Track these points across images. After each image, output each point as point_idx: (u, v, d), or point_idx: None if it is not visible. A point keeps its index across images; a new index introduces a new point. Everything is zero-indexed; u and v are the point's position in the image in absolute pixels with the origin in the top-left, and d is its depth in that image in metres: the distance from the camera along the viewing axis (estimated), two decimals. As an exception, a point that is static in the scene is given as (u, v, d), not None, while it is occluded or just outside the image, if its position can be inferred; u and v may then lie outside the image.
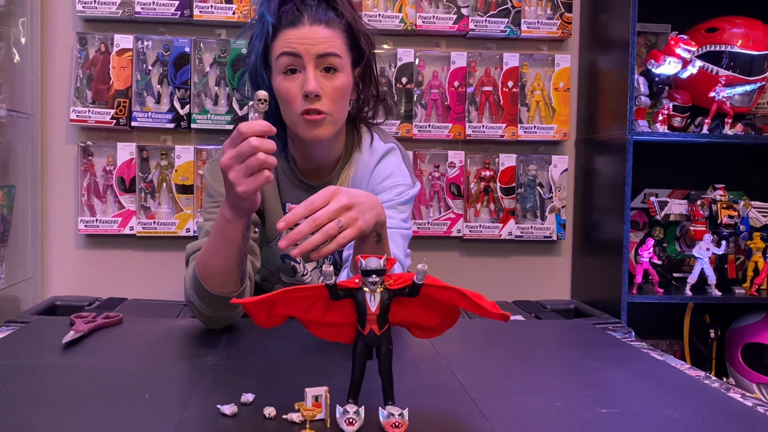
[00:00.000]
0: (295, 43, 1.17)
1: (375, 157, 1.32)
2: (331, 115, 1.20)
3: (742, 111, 1.94)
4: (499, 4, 1.97)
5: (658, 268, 1.92)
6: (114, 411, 0.76)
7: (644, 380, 0.93)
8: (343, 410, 0.71)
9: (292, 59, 1.18)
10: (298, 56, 1.17)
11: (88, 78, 1.87)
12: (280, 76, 1.20)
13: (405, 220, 1.29)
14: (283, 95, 1.20)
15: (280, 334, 1.07)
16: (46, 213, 1.94)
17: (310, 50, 1.17)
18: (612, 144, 1.87)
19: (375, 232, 1.07)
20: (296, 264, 1.38)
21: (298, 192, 1.32)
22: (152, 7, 1.86)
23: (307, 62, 1.17)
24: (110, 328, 1.15)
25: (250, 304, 0.74)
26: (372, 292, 0.72)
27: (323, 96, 1.18)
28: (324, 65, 1.19)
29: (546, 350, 1.15)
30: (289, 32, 1.18)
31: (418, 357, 1.01)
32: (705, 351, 2.05)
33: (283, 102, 1.22)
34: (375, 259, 0.72)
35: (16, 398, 0.79)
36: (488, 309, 0.74)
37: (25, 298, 1.84)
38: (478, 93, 1.99)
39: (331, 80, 1.19)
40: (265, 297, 0.74)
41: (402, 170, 1.33)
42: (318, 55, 1.17)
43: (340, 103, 1.22)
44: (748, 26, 1.89)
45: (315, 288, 0.73)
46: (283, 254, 1.37)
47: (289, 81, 1.19)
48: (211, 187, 1.28)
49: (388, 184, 1.30)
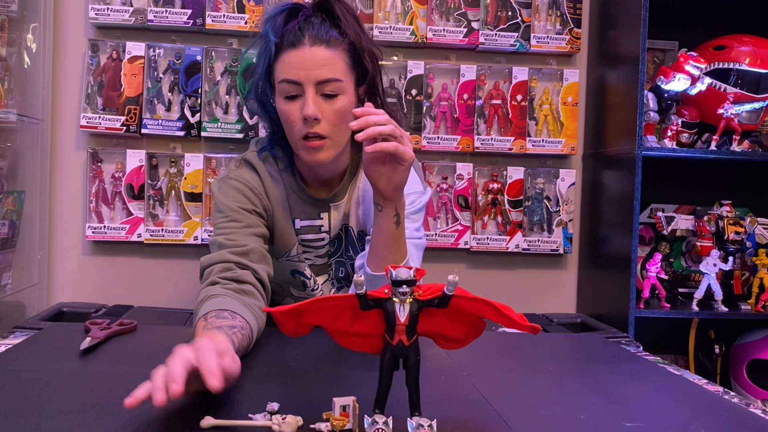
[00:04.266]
0: (295, 69, 1.16)
1: None
2: (331, 138, 1.20)
3: (750, 128, 1.95)
4: (509, 19, 1.98)
5: (665, 283, 1.93)
6: (137, 419, 0.75)
7: (664, 395, 0.93)
8: (372, 420, 0.71)
9: (292, 86, 1.17)
10: (298, 84, 1.17)
11: (99, 84, 1.88)
12: (281, 100, 1.20)
13: (418, 229, 1.29)
14: (284, 118, 1.21)
15: (297, 344, 1.06)
16: (53, 219, 1.93)
17: (309, 76, 1.16)
18: (620, 159, 1.88)
19: (395, 211, 1.11)
20: (306, 279, 1.37)
21: (307, 207, 1.32)
22: (165, 16, 1.87)
23: (306, 88, 1.17)
24: (125, 335, 1.15)
25: (279, 313, 0.74)
26: (402, 303, 0.72)
27: (323, 119, 1.17)
28: (324, 91, 1.18)
29: (560, 363, 1.15)
30: (290, 54, 1.17)
31: (437, 369, 1.01)
32: (710, 367, 2.05)
33: (285, 124, 1.22)
34: (405, 269, 0.72)
35: (35, 405, 0.79)
36: (518, 321, 0.74)
37: (31, 304, 1.83)
38: (487, 106, 2.00)
39: (332, 104, 1.18)
40: (294, 306, 0.74)
41: (412, 178, 1.29)
42: (317, 82, 1.17)
43: (341, 125, 1.20)
44: (755, 44, 1.91)
45: (344, 297, 0.73)
46: (293, 269, 1.37)
47: (289, 104, 1.19)
48: (220, 202, 1.26)
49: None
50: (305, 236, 1.33)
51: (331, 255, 1.37)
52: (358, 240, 1.35)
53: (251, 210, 1.24)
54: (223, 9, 1.89)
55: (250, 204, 1.25)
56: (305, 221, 1.32)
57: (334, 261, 1.37)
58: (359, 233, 1.34)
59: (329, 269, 1.38)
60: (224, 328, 0.96)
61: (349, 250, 1.36)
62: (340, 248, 1.36)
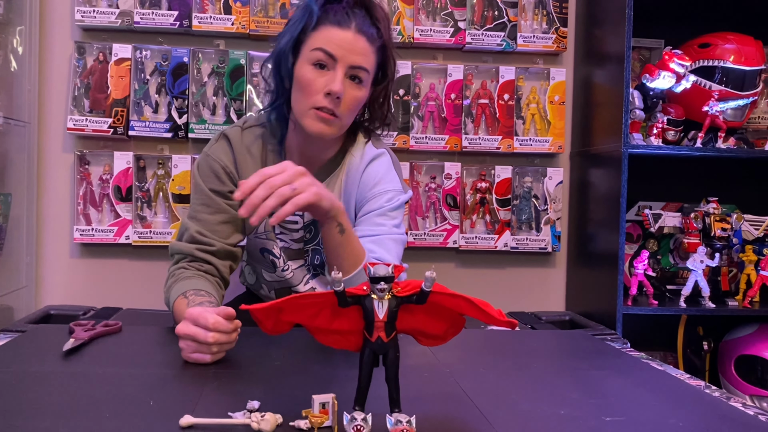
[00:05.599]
0: (336, 46, 1.20)
1: (364, 161, 1.34)
2: (341, 119, 1.24)
3: (735, 125, 1.97)
4: (495, 18, 1.99)
5: (653, 280, 1.94)
6: (118, 418, 0.75)
7: (646, 389, 0.94)
8: (351, 417, 0.71)
9: (327, 58, 1.21)
10: (334, 59, 1.21)
11: (85, 87, 1.87)
12: (307, 66, 1.22)
13: (397, 225, 1.31)
14: (303, 84, 1.22)
15: (282, 342, 1.07)
16: (41, 221, 1.93)
17: (346, 57, 1.21)
18: (607, 157, 1.88)
19: (336, 222, 1.14)
20: (275, 259, 1.39)
21: None
22: (151, 17, 1.87)
23: (339, 66, 1.21)
24: (110, 336, 1.15)
25: (257, 311, 0.74)
26: (380, 300, 0.72)
27: (342, 101, 1.22)
28: (352, 74, 1.23)
29: (546, 359, 1.15)
30: (335, 31, 1.21)
31: (421, 365, 1.01)
32: (698, 363, 2.07)
33: (300, 90, 1.23)
34: (383, 266, 0.72)
35: (18, 406, 0.79)
36: (495, 316, 0.74)
37: (19, 307, 1.83)
38: (474, 105, 2.00)
39: (354, 90, 1.23)
40: (272, 304, 0.74)
41: (392, 176, 1.35)
42: (351, 66, 1.21)
43: (353, 111, 1.26)
44: (740, 42, 1.92)
45: (323, 295, 0.74)
46: (262, 247, 1.39)
47: (315, 73, 1.21)
48: (196, 182, 1.32)
49: (377, 191, 1.32)
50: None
51: (307, 242, 1.39)
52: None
53: (222, 192, 1.30)
54: (209, 10, 1.89)
55: (221, 185, 1.30)
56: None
57: (311, 248, 1.40)
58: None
59: (305, 255, 1.40)
60: (205, 305, 1.08)
61: None
62: (317, 236, 1.37)
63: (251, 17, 1.90)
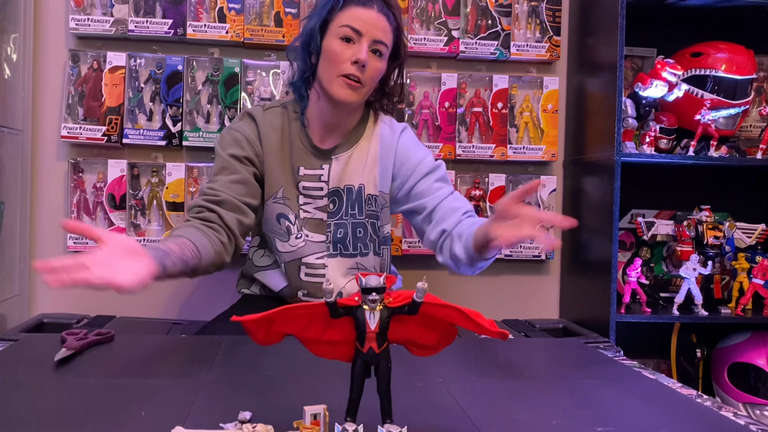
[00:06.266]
0: (361, 22, 1.38)
1: (396, 132, 1.53)
2: (364, 86, 1.40)
3: (727, 134, 1.98)
4: (489, 27, 2.00)
5: (646, 287, 1.94)
6: (110, 429, 0.75)
7: (638, 399, 0.94)
8: (342, 428, 0.71)
9: (353, 33, 1.38)
10: (360, 33, 1.38)
11: (80, 95, 1.87)
12: (335, 40, 1.39)
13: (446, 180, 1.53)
14: (332, 55, 1.39)
15: (274, 352, 1.07)
16: (34, 229, 1.92)
17: (370, 32, 1.38)
18: (600, 165, 1.89)
19: None
20: (290, 224, 1.49)
21: (310, 157, 1.49)
22: (146, 26, 1.87)
23: (364, 40, 1.38)
24: (102, 345, 1.14)
25: (249, 322, 0.74)
26: (372, 310, 0.73)
27: (366, 68, 1.38)
28: (375, 47, 1.40)
29: (539, 368, 1.16)
30: (359, 10, 1.39)
31: (413, 375, 1.01)
32: (692, 370, 2.07)
33: (329, 60, 1.40)
34: (375, 277, 0.73)
35: (9, 417, 0.79)
36: (487, 327, 0.74)
37: (12, 315, 1.82)
38: (468, 114, 2.01)
39: (376, 61, 1.41)
40: (264, 315, 0.74)
41: (421, 144, 1.59)
42: (374, 40, 1.39)
43: (374, 80, 1.43)
44: (731, 51, 1.93)
45: (314, 306, 0.74)
46: (279, 213, 1.49)
47: (343, 46, 1.38)
48: (217, 151, 1.46)
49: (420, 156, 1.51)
50: (306, 183, 1.49)
51: (330, 215, 1.50)
52: (366, 202, 1.50)
53: (242, 157, 1.43)
54: (204, 19, 1.89)
55: (241, 151, 1.44)
56: (308, 170, 1.49)
57: (333, 222, 1.50)
58: (369, 196, 1.50)
59: (327, 230, 1.50)
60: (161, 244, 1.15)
61: (353, 208, 1.50)
62: (341, 208, 1.50)
63: (246, 26, 1.90)
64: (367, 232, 1.51)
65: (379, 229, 1.53)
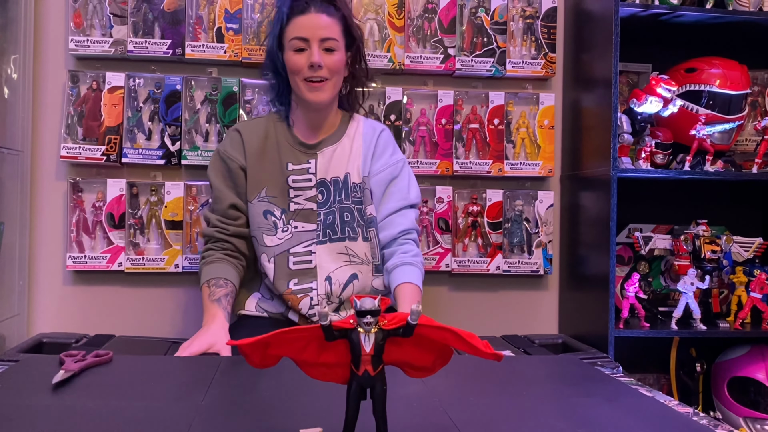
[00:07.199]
0: (304, 29, 1.54)
1: (377, 131, 1.72)
2: (329, 80, 1.57)
3: (722, 148, 1.99)
4: (484, 45, 2.02)
5: (644, 302, 1.94)
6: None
7: (634, 417, 0.94)
8: (338, 451, 0.71)
9: (301, 42, 1.55)
10: (306, 40, 1.54)
11: (79, 115, 1.89)
12: (291, 52, 1.57)
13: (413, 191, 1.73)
14: (292, 66, 1.57)
15: (271, 373, 1.06)
16: (34, 249, 1.93)
17: (315, 34, 1.54)
18: (596, 180, 1.90)
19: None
20: (277, 220, 1.63)
21: (297, 152, 1.66)
22: (144, 46, 1.89)
23: (312, 43, 1.55)
24: (100, 366, 1.15)
25: (245, 346, 0.75)
26: (366, 333, 0.73)
27: (324, 67, 1.55)
28: (325, 46, 1.56)
29: (535, 386, 1.16)
30: (300, 18, 1.55)
31: (410, 395, 1.01)
32: (692, 385, 2.07)
33: (292, 72, 1.58)
34: (370, 299, 0.73)
35: (7, 441, 0.79)
36: (481, 349, 0.75)
37: (11, 335, 1.82)
38: (464, 130, 2.02)
39: (330, 56, 1.57)
40: (259, 339, 0.74)
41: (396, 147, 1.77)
42: (321, 39, 1.55)
43: (336, 73, 1.59)
44: (725, 67, 1.95)
45: (309, 329, 0.74)
46: (265, 210, 1.63)
47: (298, 56, 1.56)
48: (210, 178, 1.66)
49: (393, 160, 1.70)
50: (296, 177, 1.64)
51: (320, 204, 1.64)
52: (352, 189, 1.65)
53: (230, 184, 1.63)
54: (202, 39, 1.91)
55: (229, 178, 1.63)
56: (296, 165, 1.65)
57: (323, 211, 1.64)
58: (354, 184, 1.66)
59: (318, 219, 1.64)
60: (221, 299, 1.49)
61: (340, 195, 1.65)
62: (329, 198, 1.64)
63: (243, 45, 1.92)
64: (354, 217, 1.65)
65: (364, 212, 1.66)
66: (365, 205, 1.66)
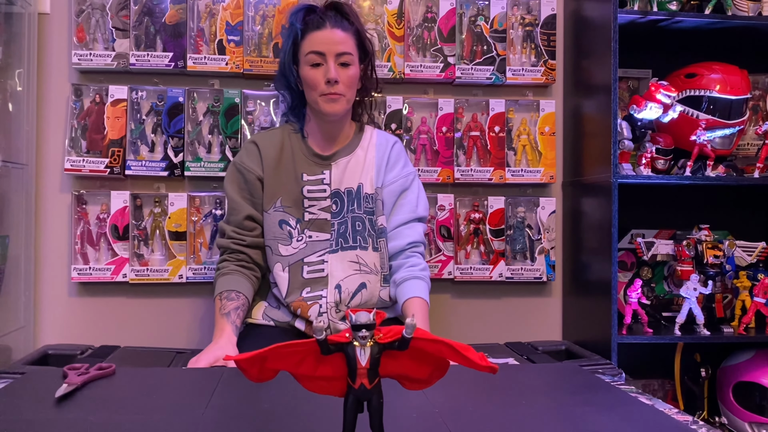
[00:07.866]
0: (321, 44, 1.57)
1: (390, 142, 1.75)
2: (344, 95, 1.61)
3: (723, 153, 1.99)
4: (484, 53, 2.02)
5: (647, 308, 1.94)
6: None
7: (633, 426, 0.94)
8: (335, 464, 0.72)
9: (318, 57, 1.58)
10: (323, 54, 1.57)
11: (82, 128, 1.91)
12: (307, 67, 1.60)
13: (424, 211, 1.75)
14: (309, 81, 1.60)
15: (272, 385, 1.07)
16: (39, 261, 1.94)
17: (331, 49, 1.57)
18: (597, 186, 1.91)
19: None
20: (292, 229, 1.65)
21: (311, 163, 1.68)
22: (147, 59, 1.90)
23: (329, 58, 1.57)
24: (103, 379, 1.16)
25: (242, 361, 0.76)
26: (362, 347, 0.74)
27: (340, 82, 1.58)
28: (340, 61, 1.59)
29: (535, 396, 1.16)
30: (316, 34, 1.59)
31: (409, 406, 1.02)
32: (697, 390, 2.06)
33: (308, 86, 1.61)
34: (365, 313, 0.74)
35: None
36: (477, 361, 0.75)
37: (17, 347, 1.84)
38: (465, 138, 2.03)
39: (346, 71, 1.60)
40: (257, 353, 0.75)
41: (407, 159, 1.79)
42: (337, 54, 1.58)
43: (352, 87, 1.63)
44: (725, 72, 1.95)
45: (306, 343, 0.75)
46: (280, 219, 1.65)
47: (315, 71, 1.59)
48: (227, 191, 1.68)
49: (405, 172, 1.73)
50: (310, 187, 1.67)
51: (334, 215, 1.67)
52: (364, 199, 1.68)
53: (247, 196, 1.66)
54: (204, 51, 1.93)
55: (246, 189, 1.66)
56: (311, 176, 1.67)
57: (337, 221, 1.67)
58: (366, 194, 1.68)
59: (332, 229, 1.66)
60: (231, 313, 1.52)
61: (353, 205, 1.68)
62: (343, 208, 1.67)
63: (245, 57, 1.93)
64: (365, 227, 1.67)
65: (375, 222, 1.68)
66: (377, 215, 1.68)
